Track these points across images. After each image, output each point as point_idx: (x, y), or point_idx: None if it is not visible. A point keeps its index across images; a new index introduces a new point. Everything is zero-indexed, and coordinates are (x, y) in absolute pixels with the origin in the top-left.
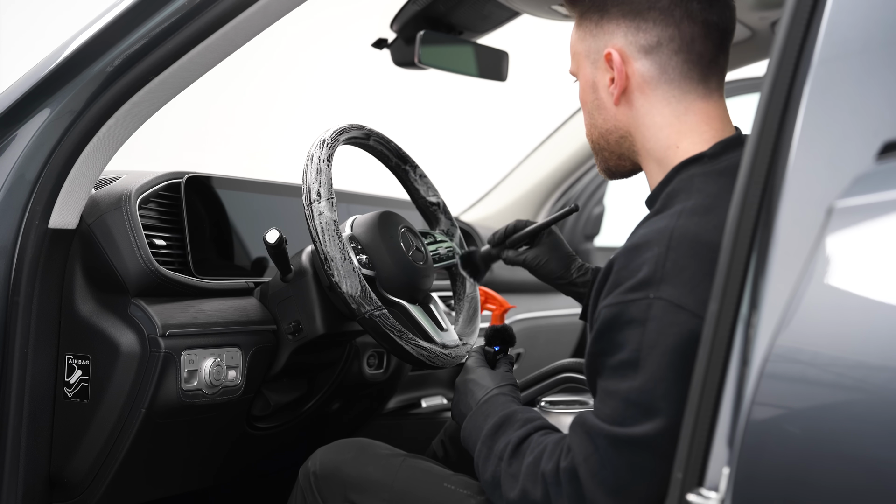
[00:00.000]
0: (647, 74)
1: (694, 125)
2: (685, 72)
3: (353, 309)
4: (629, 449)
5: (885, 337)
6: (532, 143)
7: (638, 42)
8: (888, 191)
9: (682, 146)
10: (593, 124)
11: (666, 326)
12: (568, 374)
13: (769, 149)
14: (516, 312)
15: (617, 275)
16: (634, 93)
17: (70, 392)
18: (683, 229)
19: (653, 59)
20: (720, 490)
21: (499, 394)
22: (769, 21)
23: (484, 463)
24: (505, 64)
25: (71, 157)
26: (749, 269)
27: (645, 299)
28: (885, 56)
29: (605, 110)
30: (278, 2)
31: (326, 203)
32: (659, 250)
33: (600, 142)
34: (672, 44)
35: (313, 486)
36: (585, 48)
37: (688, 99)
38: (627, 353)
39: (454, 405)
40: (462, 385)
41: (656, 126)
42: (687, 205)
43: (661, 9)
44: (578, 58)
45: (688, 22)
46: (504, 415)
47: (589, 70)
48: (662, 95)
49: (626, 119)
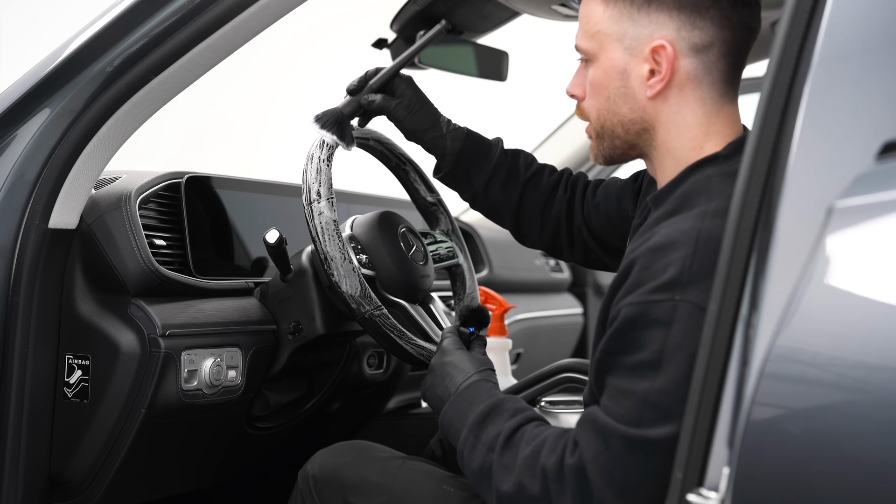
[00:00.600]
0: (693, 73)
1: (721, 128)
2: (727, 75)
3: (353, 309)
4: (643, 451)
5: (885, 337)
6: (532, 143)
7: (692, 39)
8: (888, 191)
9: (705, 147)
10: (613, 111)
11: (691, 329)
12: (568, 374)
13: (769, 149)
14: (516, 312)
15: (639, 274)
16: (673, 89)
17: (70, 392)
18: (710, 231)
19: (701, 58)
20: (720, 490)
21: (480, 379)
22: (769, 21)
23: (470, 452)
24: (505, 64)
25: (71, 157)
26: (749, 269)
27: (670, 301)
28: (885, 56)
29: (633, 101)
30: (278, 2)
31: (326, 203)
32: (686, 252)
33: (616, 130)
34: (724, 46)
35: (312, 489)
36: (619, 31)
37: (721, 101)
38: (649, 353)
39: (428, 387)
40: (439, 367)
41: (686, 125)
42: (710, 206)
43: (721, 9)
44: (603, 38)
45: (740, 27)
46: (492, 403)
47: (619, 55)
48: (700, 96)
49: (655, 113)
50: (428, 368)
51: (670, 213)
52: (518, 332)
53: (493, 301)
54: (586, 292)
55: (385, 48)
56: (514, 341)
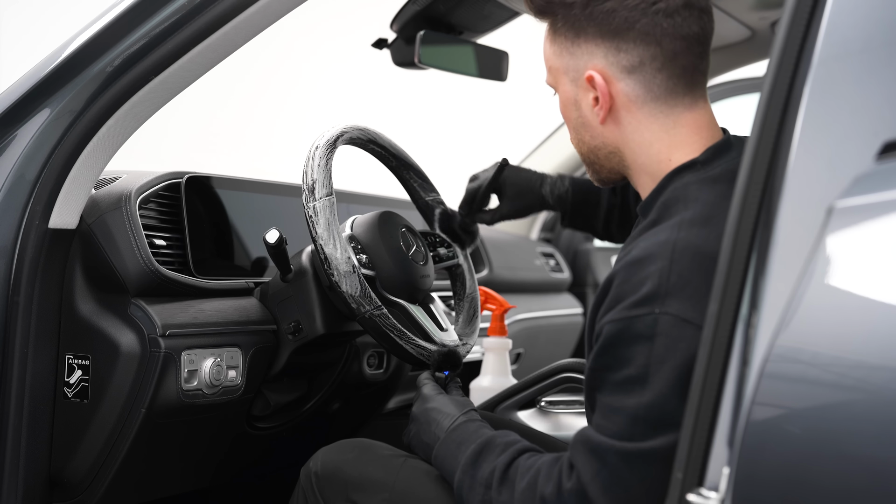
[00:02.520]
0: (632, 94)
1: (684, 136)
2: (670, 87)
3: (353, 309)
4: (640, 462)
5: (885, 337)
6: (532, 143)
7: (619, 63)
8: (888, 191)
9: (673, 158)
10: (581, 140)
11: (674, 342)
12: (568, 374)
13: (769, 149)
14: (516, 312)
15: (619, 289)
16: (621, 111)
17: (70, 392)
18: (685, 242)
19: (636, 78)
20: (720, 490)
21: (467, 420)
22: (769, 21)
23: (468, 493)
24: (505, 64)
25: (71, 157)
26: (749, 269)
27: (651, 314)
28: (885, 56)
29: (591, 128)
30: (278, 2)
31: (326, 203)
32: (662, 264)
33: (590, 156)
34: (655, 62)
35: (314, 486)
36: (563, 65)
37: (675, 112)
38: (634, 368)
39: (414, 435)
40: (423, 414)
41: (646, 142)
42: (686, 215)
43: (640, 28)
44: (556, 73)
45: (669, 38)
46: (481, 442)
47: (569, 87)
48: (649, 112)
49: (613, 137)
50: (410, 417)
51: (651, 224)
52: (518, 332)
53: (493, 301)
54: (586, 292)
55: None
56: (514, 341)
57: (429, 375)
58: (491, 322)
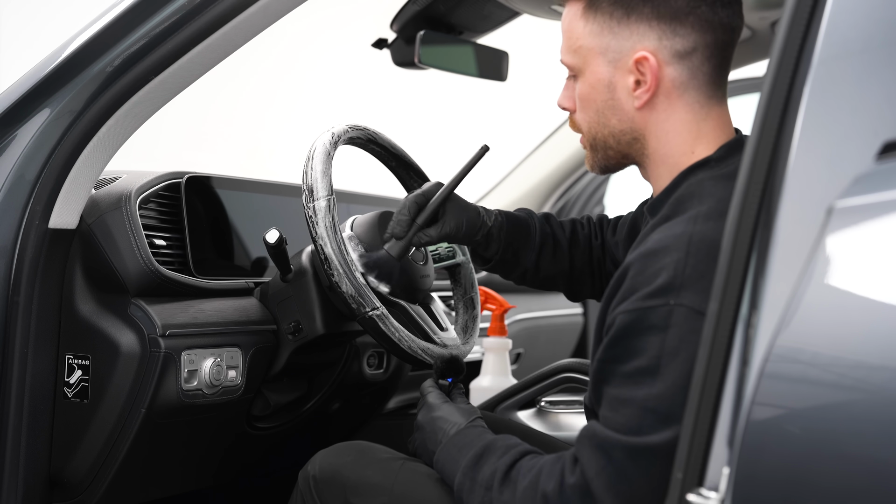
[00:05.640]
0: (678, 80)
1: (710, 130)
2: (713, 77)
3: (353, 309)
4: (646, 458)
5: (885, 337)
6: (532, 143)
7: (674, 47)
8: (888, 191)
9: (696, 151)
10: (603, 124)
11: (687, 333)
12: (568, 374)
13: (769, 149)
14: (516, 312)
15: (633, 280)
16: (660, 97)
17: (70, 392)
18: (701, 234)
19: (686, 64)
20: (720, 490)
21: (469, 426)
22: (769, 21)
23: (469, 495)
24: (505, 64)
25: (71, 157)
26: (749, 269)
27: (665, 306)
28: (885, 56)
29: (621, 112)
30: (278, 2)
31: (326, 203)
32: (678, 256)
33: (608, 141)
34: (707, 50)
35: (313, 489)
36: (601, 45)
37: (709, 104)
38: (646, 359)
39: (419, 444)
40: (428, 423)
41: (675, 131)
42: (701, 209)
43: (700, 14)
44: (586, 53)
45: (722, 29)
46: (483, 444)
47: (604, 69)
48: (687, 101)
49: (643, 123)
50: (415, 426)
51: (664, 220)
52: (518, 332)
53: (493, 301)
54: None
55: (385, 48)
56: (514, 341)
57: (432, 383)
58: (491, 322)
